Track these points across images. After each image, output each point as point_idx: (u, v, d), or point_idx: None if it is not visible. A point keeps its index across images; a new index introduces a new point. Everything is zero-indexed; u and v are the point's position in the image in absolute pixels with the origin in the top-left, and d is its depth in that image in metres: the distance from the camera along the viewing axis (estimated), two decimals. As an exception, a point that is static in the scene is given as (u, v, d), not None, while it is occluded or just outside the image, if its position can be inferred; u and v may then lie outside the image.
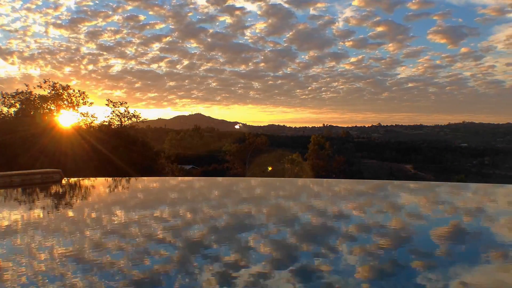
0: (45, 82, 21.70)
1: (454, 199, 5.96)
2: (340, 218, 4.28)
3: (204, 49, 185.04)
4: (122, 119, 23.01)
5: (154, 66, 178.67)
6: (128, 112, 23.14)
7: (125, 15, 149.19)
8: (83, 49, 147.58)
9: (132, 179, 8.81)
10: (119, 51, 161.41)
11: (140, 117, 23.77)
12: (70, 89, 22.16)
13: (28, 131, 17.93)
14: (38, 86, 21.59)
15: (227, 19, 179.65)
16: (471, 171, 71.44)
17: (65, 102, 21.69)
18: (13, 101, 20.65)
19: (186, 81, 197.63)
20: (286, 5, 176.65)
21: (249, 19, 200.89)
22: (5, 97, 20.50)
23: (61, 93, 21.61)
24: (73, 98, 21.93)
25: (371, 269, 2.54)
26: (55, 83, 21.85)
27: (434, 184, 8.74)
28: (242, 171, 45.81)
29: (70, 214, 4.86)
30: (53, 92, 21.44)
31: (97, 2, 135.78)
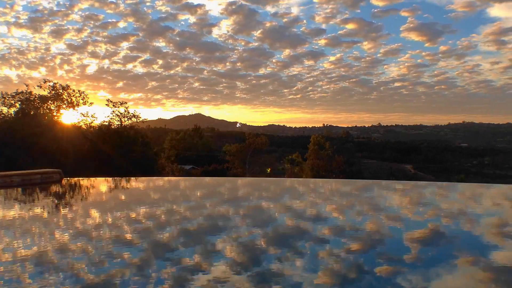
0: (45, 82, 21.72)
1: (439, 200, 5.89)
2: (318, 219, 4.20)
3: (175, 48, 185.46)
4: (122, 119, 23.00)
5: (129, 65, 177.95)
6: (128, 112, 23.14)
7: (83, 13, 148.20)
8: (53, 49, 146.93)
9: (132, 179, 8.79)
10: (90, 50, 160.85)
11: (140, 117, 23.78)
12: (70, 89, 22.17)
13: (28, 131, 17.92)
14: (38, 86, 21.61)
15: (189, 17, 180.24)
16: (471, 171, 71.38)
17: (65, 102, 21.68)
18: (13, 101, 20.65)
19: (167, 81, 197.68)
20: (245, 2, 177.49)
21: (211, 17, 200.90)
22: (5, 97, 20.50)
23: (61, 93, 21.60)
24: (73, 98, 21.93)
25: (333, 274, 2.48)
26: (55, 83, 21.86)
27: (423, 184, 8.68)
28: (242, 171, 45.79)
29: (68, 214, 4.84)
30: (53, 92, 21.44)
31: (50, 0, 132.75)
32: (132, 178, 9.14)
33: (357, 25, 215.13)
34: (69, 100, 21.76)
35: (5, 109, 20.59)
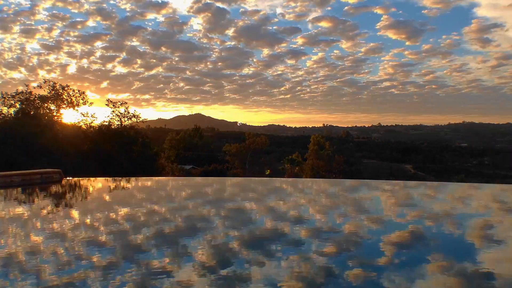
0: (44, 82, 21.72)
1: (425, 200, 5.81)
2: (299, 221, 4.13)
3: (150, 47, 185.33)
4: (122, 119, 23.00)
5: (109, 65, 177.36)
6: (128, 112, 23.13)
7: (48, 13, 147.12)
8: (28, 49, 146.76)
9: (132, 179, 8.78)
10: (66, 50, 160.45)
11: (140, 117, 23.77)
12: (70, 89, 22.17)
13: (28, 131, 17.92)
14: (38, 86, 21.61)
15: (157, 16, 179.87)
16: (471, 171, 71.36)
17: (65, 102, 21.68)
18: (13, 101, 20.65)
19: (151, 81, 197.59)
20: (210, 1, 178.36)
21: (180, 15, 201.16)
22: (5, 97, 20.50)
23: (61, 93, 21.60)
24: (73, 98, 21.93)
25: (299, 278, 2.43)
26: (55, 83, 21.87)
27: (413, 184, 8.59)
28: (242, 171, 45.78)
29: (66, 214, 4.84)
30: (53, 92, 21.44)
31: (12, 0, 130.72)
32: (132, 178, 9.13)
33: (331, 23, 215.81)
34: (69, 100, 21.76)
35: (5, 109, 20.62)
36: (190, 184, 8.54)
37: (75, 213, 4.87)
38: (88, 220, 4.30)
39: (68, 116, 22.02)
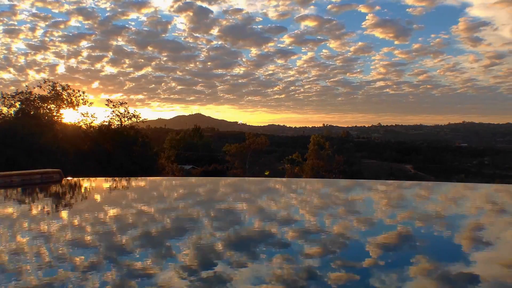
0: (44, 82, 21.74)
1: (418, 200, 5.75)
2: (289, 221, 4.08)
3: (137, 47, 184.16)
4: (122, 119, 23.01)
5: (98, 65, 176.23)
6: (128, 112, 23.15)
7: (29, 13, 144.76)
8: (14, 49, 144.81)
9: (132, 179, 8.79)
10: (53, 50, 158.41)
11: (140, 117, 23.79)
12: (70, 89, 22.19)
13: (28, 131, 17.93)
14: (38, 86, 21.63)
15: (139, 15, 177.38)
16: (471, 171, 71.38)
17: (65, 102, 21.70)
18: (13, 101, 20.67)
19: (143, 80, 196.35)
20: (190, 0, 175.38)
21: (162, 15, 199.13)
22: (5, 97, 20.51)
23: (61, 93, 21.62)
24: (73, 98, 21.94)
25: (280, 280, 2.37)
26: (55, 83, 21.88)
27: (407, 184, 8.46)
28: (242, 171, 45.78)
29: (63, 214, 4.85)
30: (53, 92, 21.45)
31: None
32: (131, 178, 9.14)
33: (316, 22, 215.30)
34: (69, 100, 21.78)
35: (5, 109, 20.63)
36: (185, 184, 8.55)
37: (71, 213, 4.87)
38: (76, 221, 4.29)
39: (68, 116, 22.06)
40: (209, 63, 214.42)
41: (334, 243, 3.23)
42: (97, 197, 6.33)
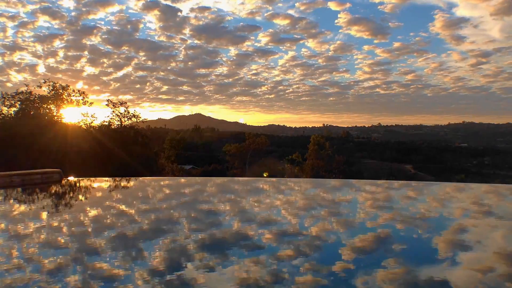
0: (44, 82, 21.77)
1: (403, 201, 5.65)
2: (266, 223, 4.02)
3: (112, 47, 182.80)
4: (122, 119, 23.05)
5: (77, 65, 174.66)
6: (128, 112, 23.20)
7: None
8: None
9: (132, 179, 8.82)
10: (30, 50, 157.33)
11: (140, 117, 23.84)
12: (70, 89, 22.23)
13: (28, 131, 17.95)
14: (38, 86, 21.67)
15: (105, 14, 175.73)
16: (471, 171, 71.44)
17: (65, 102, 21.74)
18: (13, 101, 20.69)
19: (126, 80, 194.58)
20: None
21: (129, 13, 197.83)
22: (5, 97, 20.54)
23: (61, 93, 21.66)
24: (73, 98, 21.99)
25: (244, 284, 2.39)
26: (55, 83, 21.92)
27: (399, 184, 8.35)
28: (242, 171, 45.82)
29: (63, 214, 4.86)
30: (53, 92, 21.49)
31: None
32: (131, 178, 9.16)
33: (287, 20, 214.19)
34: (69, 100, 21.82)
35: (5, 109, 20.66)
36: (176, 184, 8.56)
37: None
38: (56, 222, 4.29)
39: (68, 116, 22.10)
40: (190, 63, 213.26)
41: (309, 245, 3.07)
42: (95, 197, 6.35)
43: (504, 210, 4.84)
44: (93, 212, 4.72)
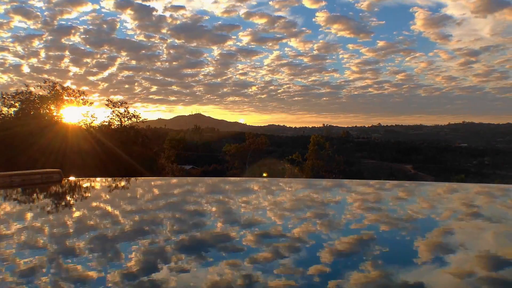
0: (44, 82, 21.78)
1: (391, 202, 5.55)
2: (250, 224, 3.96)
3: (93, 47, 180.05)
4: (122, 119, 23.06)
5: (62, 65, 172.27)
6: (128, 112, 23.21)
7: None
8: None
9: (132, 179, 8.84)
10: (11, 50, 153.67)
11: (140, 117, 23.85)
12: (70, 89, 22.25)
13: (28, 131, 17.96)
14: (38, 86, 21.68)
15: (78, 14, 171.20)
16: (471, 171, 71.47)
17: (65, 102, 21.76)
18: (13, 101, 20.70)
19: (114, 81, 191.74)
20: None
21: (103, 12, 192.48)
22: (5, 97, 20.54)
23: (60, 93, 21.67)
24: (73, 98, 22.00)
25: (216, 287, 2.29)
26: (55, 83, 21.93)
27: (390, 185, 8.20)
28: (242, 171, 45.85)
29: (62, 214, 4.87)
30: (52, 92, 21.49)
31: None
32: (131, 178, 9.18)
33: (266, 19, 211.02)
34: (68, 100, 21.84)
35: (5, 109, 20.66)
36: (167, 184, 8.57)
37: (69, 214, 4.90)
38: (39, 223, 4.31)
39: (68, 116, 22.11)
40: (174, 63, 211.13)
41: (288, 248, 2.99)
42: (95, 197, 6.35)
43: (493, 212, 4.71)
44: (85, 213, 4.71)
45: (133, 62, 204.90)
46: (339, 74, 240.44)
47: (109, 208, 5.02)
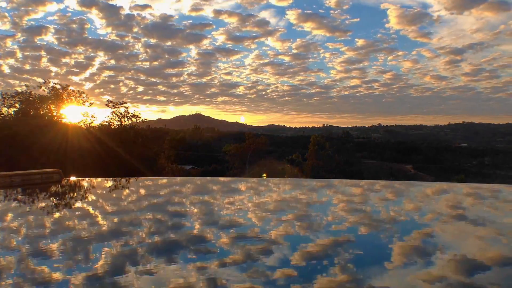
0: (44, 82, 21.78)
1: (378, 203, 5.41)
2: (227, 225, 3.89)
3: (68, 46, 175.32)
4: (122, 119, 23.08)
5: (42, 65, 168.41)
6: (128, 112, 23.22)
7: None
8: None
9: (132, 179, 8.85)
10: None
11: (140, 117, 23.86)
12: (70, 89, 22.25)
13: (28, 131, 17.96)
14: (38, 86, 21.68)
15: (44, 13, 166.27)
16: (471, 171, 71.47)
17: (65, 102, 21.76)
18: (13, 101, 20.71)
19: (97, 81, 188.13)
20: None
21: (71, 11, 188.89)
22: (5, 97, 20.56)
23: (60, 93, 21.67)
24: (73, 98, 22.01)
25: None
26: (55, 83, 21.94)
27: (381, 185, 8.04)
28: (242, 171, 45.85)
29: (60, 214, 4.87)
30: (52, 92, 21.50)
31: None
32: (131, 178, 9.20)
33: (236, 17, 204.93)
34: (68, 100, 21.84)
35: (5, 109, 20.68)
36: (161, 184, 8.58)
37: (68, 214, 4.90)
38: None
39: (68, 116, 22.11)
40: (155, 62, 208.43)
41: (261, 250, 2.91)
42: (95, 197, 6.35)
43: (478, 214, 4.58)
44: (83, 213, 4.71)
45: (113, 62, 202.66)
46: (325, 74, 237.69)
47: (106, 209, 5.02)
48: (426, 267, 2.60)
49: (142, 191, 6.83)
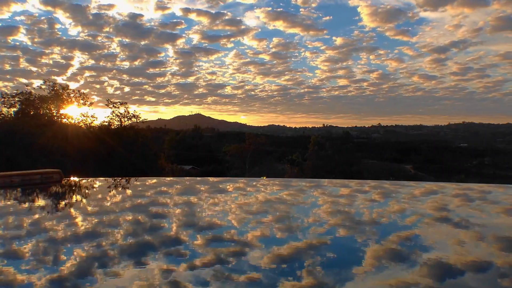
0: (44, 82, 21.79)
1: (363, 203, 5.29)
2: (206, 227, 3.78)
3: (43, 47, 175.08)
4: (122, 120, 23.09)
5: (21, 66, 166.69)
6: (128, 113, 23.23)
7: None
8: None
9: (132, 180, 8.82)
10: None
11: (140, 117, 23.89)
12: (70, 89, 22.26)
13: (28, 131, 17.96)
14: (38, 86, 21.69)
15: (13, 14, 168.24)
16: (471, 171, 71.46)
17: (65, 102, 21.77)
18: (13, 101, 20.72)
19: (81, 82, 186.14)
20: None
21: (36, 12, 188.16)
22: (5, 97, 20.57)
23: (60, 93, 21.68)
24: (73, 99, 22.02)
25: None
26: (55, 84, 21.94)
27: (372, 185, 7.87)
28: (242, 171, 45.84)
29: (60, 215, 4.85)
30: (52, 92, 21.51)
31: None
32: (131, 178, 9.18)
33: (205, 16, 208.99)
34: (68, 100, 21.84)
35: (5, 109, 20.69)
36: (154, 184, 8.57)
37: (67, 214, 4.89)
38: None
39: (68, 116, 22.11)
40: (135, 62, 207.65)
41: (232, 253, 2.91)
42: (95, 198, 6.35)
43: (464, 216, 4.38)
44: (81, 214, 4.71)
45: (92, 61, 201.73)
46: (311, 73, 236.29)
47: (104, 209, 5.02)
48: (400, 272, 2.46)
49: (142, 191, 6.84)
